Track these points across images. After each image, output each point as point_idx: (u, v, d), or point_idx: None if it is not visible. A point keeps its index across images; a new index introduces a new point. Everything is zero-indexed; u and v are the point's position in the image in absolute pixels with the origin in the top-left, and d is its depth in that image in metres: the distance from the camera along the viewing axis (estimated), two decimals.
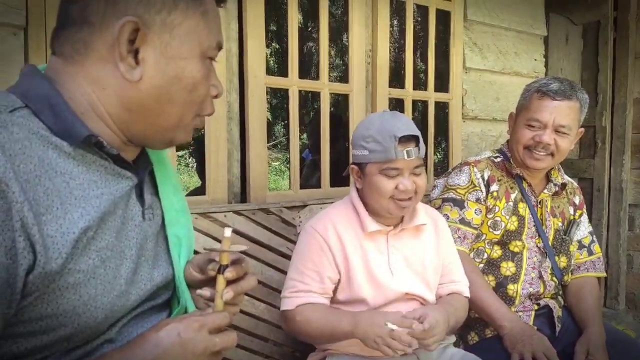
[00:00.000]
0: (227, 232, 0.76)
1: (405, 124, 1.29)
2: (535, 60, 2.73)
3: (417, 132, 1.29)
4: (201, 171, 2.39)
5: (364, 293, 1.33)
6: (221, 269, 0.75)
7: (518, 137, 1.60)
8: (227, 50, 1.75)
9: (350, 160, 1.41)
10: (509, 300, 1.57)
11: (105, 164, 0.71)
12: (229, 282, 0.75)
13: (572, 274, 1.71)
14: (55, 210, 0.62)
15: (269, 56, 10.64)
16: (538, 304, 1.60)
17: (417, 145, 1.29)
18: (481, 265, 1.62)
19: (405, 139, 1.26)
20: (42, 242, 0.59)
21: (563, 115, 1.53)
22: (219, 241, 1.58)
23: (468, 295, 1.46)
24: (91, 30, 0.68)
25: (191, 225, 0.92)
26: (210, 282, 0.79)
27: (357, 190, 1.40)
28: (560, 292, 1.67)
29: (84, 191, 0.66)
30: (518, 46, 2.65)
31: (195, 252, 0.95)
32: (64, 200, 0.63)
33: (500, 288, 1.59)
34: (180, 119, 0.75)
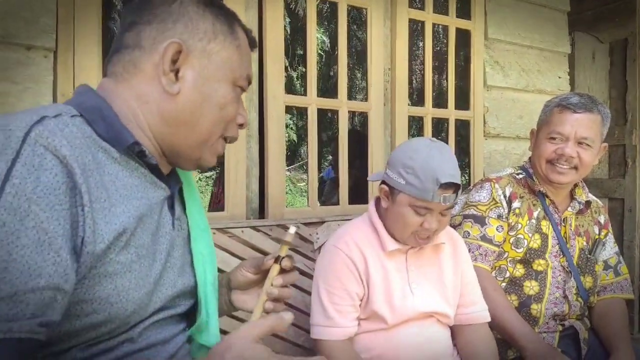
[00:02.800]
0: (292, 229, 0.88)
1: (451, 167, 1.24)
2: (559, 77, 2.70)
3: (459, 180, 1.25)
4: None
5: (382, 311, 1.31)
6: (278, 259, 0.87)
7: (540, 151, 1.57)
8: None
9: (369, 171, 1.41)
10: (532, 320, 1.52)
11: (145, 172, 0.78)
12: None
13: (598, 295, 1.65)
14: (103, 201, 0.67)
15: (295, 79, 10.85)
16: (563, 325, 1.54)
17: (456, 192, 1.25)
18: (503, 284, 1.58)
19: (447, 185, 1.22)
20: (92, 225, 0.65)
21: (585, 128, 1.51)
22: (236, 256, 1.60)
23: (488, 319, 1.43)
24: (141, 52, 0.78)
25: (212, 244, 0.97)
26: (262, 280, 0.93)
27: (376, 206, 1.40)
28: (587, 314, 1.61)
29: (126, 191, 0.73)
30: (541, 64, 2.62)
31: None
32: (110, 196, 0.69)
33: (523, 308, 1.54)
34: (209, 135, 0.82)
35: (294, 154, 11.91)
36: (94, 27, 1.53)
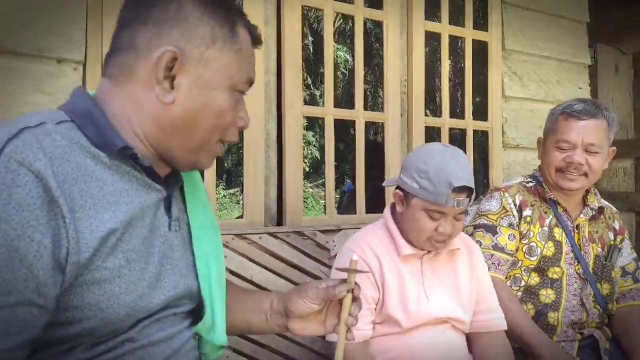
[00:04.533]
0: (354, 256, 0.94)
1: (464, 170, 1.25)
2: (579, 88, 2.67)
3: (473, 184, 1.26)
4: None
5: (396, 315, 1.31)
6: (349, 290, 0.91)
7: (549, 160, 1.57)
8: (266, 82, 1.85)
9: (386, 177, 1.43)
10: (550, 329, 1.50)
11: (137, 175, 0.77)
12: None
13: (617, 302, 1.61)
14: (87, 209, 0.67)
15: (318, 97, 10.98)
16: (582, 334, 1.51)
17: (470, 196, 1.26)
18: (519, 293, 1.57)
19: (460, 189, 1.23)
20: (75, 236, 0.65)
21: (591, 134, 1.51)
22: (254, 261, 1.63)
23: (505, 327, 1.41)
24: (136, 55, 0.76)
25: (220, 241, 0.97)
26: (322, 310, 0.95)
27: (391, 211, 1.41)
28: (607, 322, 1.57)
29: (115, 197, 0.72)
30: (561, 75, 2.61)
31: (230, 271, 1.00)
32: (96, 202, 0.69)
33: (540, 317, 1.52)
34: (205, 142, 0.81)
35: (316, 171, 11.98)
36: None
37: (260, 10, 1.81)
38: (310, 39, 11.64)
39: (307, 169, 11.09)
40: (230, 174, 11.26)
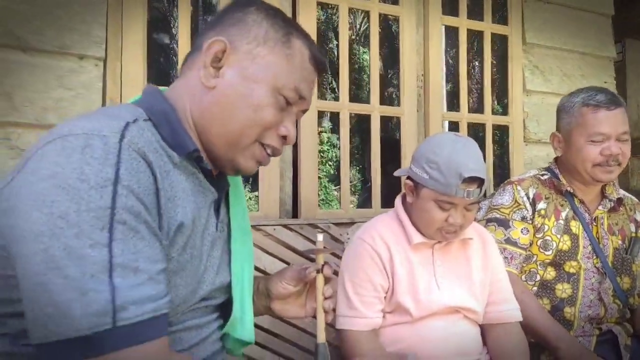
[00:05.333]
0: (320, 236, 0.92)
1: (475, 161, 1.23)
2: (605, 82, 2.60)
3: (484, 174, 1.23)
4: None
5: (406, 304, 1.30)
6: (320, 269, 0.91)
7: (584, 155, 1.50)
8: None
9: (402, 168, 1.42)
10: (566, 324, 1.46)
11: (199, 177, 0.82)
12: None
13: (638, 296, 1.55)
14: (171, 202, 0.73)
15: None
16: (600, 329, 1.47)
17: (480, 186, 1.24)
18: (534, 288, 1.53)
19: (470, 179, 1.21)
20: (167, 223, 0.71)
21: (621, 123, 1.48)
22: (268, 252, 1.65)
23: (520, 318, 1.38)
24: (199, 52, 0.82)
25: (252, 244, 1.02)
26: (301, 292, 0.97)
27: (403, 201, 1.41)
28: (628, 316, 1.52)
29: (184, 195, 0.77)
30: (584, 69, 2.55)
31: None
32: (176, 197, 0.74)
33: (556, 312, 1.48)
34: (241, 136, 0.81)
35: (339, 175, 11.97)
36: (140, 38, 1.67)
37: (275, 4, 1.84)
38: (335, 42, 11.70)
39: (332, 172, 11.10)
40: (256, 177, 11.41)
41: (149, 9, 1.70)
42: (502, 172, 2.86)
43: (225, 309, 0.92)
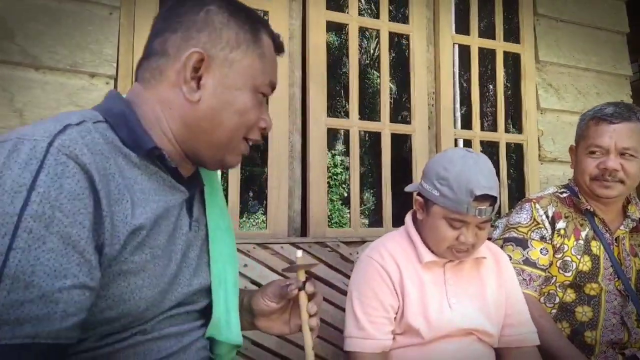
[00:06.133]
0: (299, 252, 0.91)
1: (487, 178, 1.19)
2: (621, 101, 2.55)
3: (496, 192, 1.19)
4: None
5: (417, 325, 1.25)
6: (302, 286, 0.89)
7: (582, 167, 1.48)
8: (291, 95, 1.88)
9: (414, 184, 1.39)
10: (587, 349, 1.39)
11: (163, 176, 0.80)
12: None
13: None
14: (121, 204, 0.70)
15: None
16: (623, 354, 1.39)
17: (493, 204, 1.20)
18: (553, 311, 1.47)
19: (482, 197, 1.17)
20: (110, 228, 0.67)
21: (624, 138, 1.41)
22: (275, 271, 1.61)
23: (538, 342, 1.32)
24: (167, 59, 0.80)
25: (234, 244, 0.99)
26: (285, 309, 0.95)
27: (413, 218, 1.37)
28: None
29: (144, 195, 0.75)
30: (600, 87, 2.50)
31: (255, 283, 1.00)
32: (128, 199, 0.72)
33: (576, 336, 1.41)
34: (230, 140, 0.84)
35: (349, 197, 11.90)
36: None
37: (285, 25, 1.86)
38: (348, 66, 11.82)
39: (346, 194, 11.05)
40: (264, 194, 11.42)
41: None
42: (517, 192, 2.79)
43: (209, 316, 0.89)
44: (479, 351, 1.28)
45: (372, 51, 12.45)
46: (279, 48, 0.89)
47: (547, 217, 1.49)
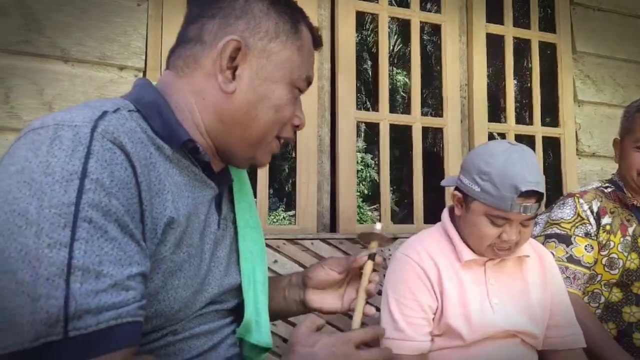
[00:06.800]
0: (378, 225, 0.88)
1: (532, 173, 1.11)
2: None
3: (542, 188, 1.11)
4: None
5: (458, 327, 1.19)
6: (371, 256, 0.86)
7: (629, 162, 1.41)
8: (320, 87, 1.83)
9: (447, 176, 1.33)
10: (635, 351, 1.32)
11: (195, 171, 0.76)
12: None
13: None
14: (159, 196, 0.67)
15: None
16: None
17: (539, 201, 1.12)
18: (598, 310, 1.39)
19: (527, 193, 1.09)
20: (151, 220, 0.65)
21: None
22: (304, 266, 1.57)
23: (584, 344, 1.25)
24: (202, 47, 0.76)
25: (264, 241, 0.95)
26: (341, 283, 0.93)
27: (450, 214, 1.30)
28: None
29: (177, 189, 0.71)
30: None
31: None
32: (164, 191, 0.69)
33: (623, 337, 1.34)
34: (264, 136, 0.79)
35: (375, 195, 11.85)
36: None
37: (314, 16, 1.81)
38: (370, 63, 11.73)
39: (366, 192, 10.98)
40: (291, 197, 11.44)
41: None
42: (554, 188, 2.70)
43: (239, 313, 0.85)
44: (523, 354, 1.22)
45: (391, 47, 12.34)
46: (317, 42, 0.85)
47: (592, 212, 1.42)
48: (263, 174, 1.69)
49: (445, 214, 1.32)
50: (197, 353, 0.76)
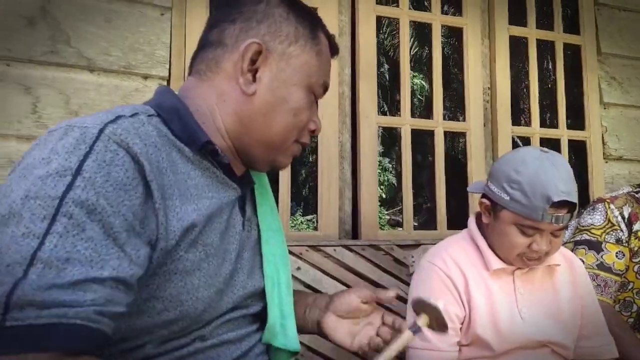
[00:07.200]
0: (441, 304, 0.82)
1: (565, 182, 1.08)
2: None
3: (576, 197, 1.08)
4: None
5: (486, 337, 1.17)
6: (413, 327, 0.83)
7: None
8: (341, 93, 1.83)
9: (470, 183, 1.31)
10: None
11: (216, 172, 0.77)
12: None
13: None
14: (175, 199, 0.67)
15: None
16: None
17: (572, 211, 1.09)
18: (630, 320, 1.36)
19: (559, 203, 1.06)
20: (164, 222, 0.64)
21: None
22: (328, 274, 1.56)
23: (616, 355, 1.21)
24: (224, 50, 0.78)
25: (286, 246, 0.95)
26: (357, 322, 0.91)
27: (477, 222, 1.28)
28: None
29: (197, 191, 0.72)
30: None
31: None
32: (182, 193, 0.69)
33: None
34: (282, 140, 0.80)
35: (393, 200, 11.78)
36: None
37: (334, 21, 1.81)
38: (386, 66, 11.68)
39: (384, 196, 10.92)
40: (309, 201, 11.44)
41: None
42: (580, 193, 2.65)
43: (265, 320, 0.85)
44: None
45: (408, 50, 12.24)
46: (334, 49, 0.86)
47: (623, 218, 1.38)
48: (285, 180, 1.69)
49: (472, 221, 1.30)
50: None
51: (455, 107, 10.07)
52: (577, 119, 2.24)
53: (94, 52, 1.51)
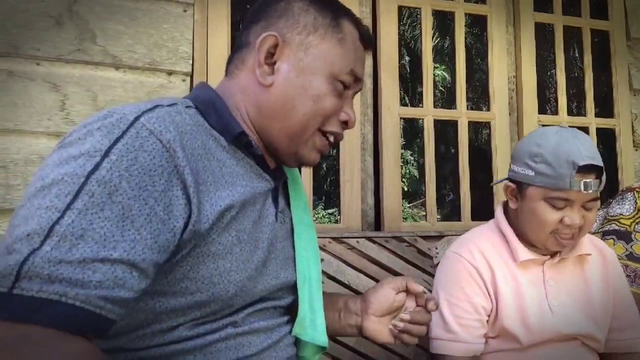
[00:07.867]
0: None
1: (588, 148, 1.07)
2: None
3: (601, 162, 1.06)
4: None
5: (514, 330, 1.15)
6: None
7: None
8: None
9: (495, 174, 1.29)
10: None
11: (250, 163, 0.79)
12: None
13: None
14: (209, 185, 0.70)
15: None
16: None
17: (599, 177, 1.07)
18: None
19: (586, 169, 1.04)
20: (198, 206, 0.66)
21: None
22: (351, 266, 1.56)
23: None
24: (248, 48, 0.82)
25: (316, 241, 0.96)
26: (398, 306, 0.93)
27: (504, 212, 1.26)
28: None
29: (232, 178, 0.74)
30: None
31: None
32: (216, 180, 0.71)
33: None
34: (304, 128, 0.80)
35: (415, 192, 11.68)
36: (225, 53, 1.68)
37: (355, 12, 1.78)
38: (407, 58, 11.55)
39: (406, 189, 10.83)
40: (330, 195, 11.46)
41: (233, 24, 1.73)
42: (609, 181, 2.58)
43: (295, 313, 0.86)
44: (584, 357, 1.17)
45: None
46: (366, 40, 0.85)
47: None
48: (307, 175, 1.70)
49: (499, 211, 1.28)
50: (257, 350, 0.77)
51: (478, 97, 9.90)
52: (605, 107, 2.17)
53: (119, 49, 1.54)
